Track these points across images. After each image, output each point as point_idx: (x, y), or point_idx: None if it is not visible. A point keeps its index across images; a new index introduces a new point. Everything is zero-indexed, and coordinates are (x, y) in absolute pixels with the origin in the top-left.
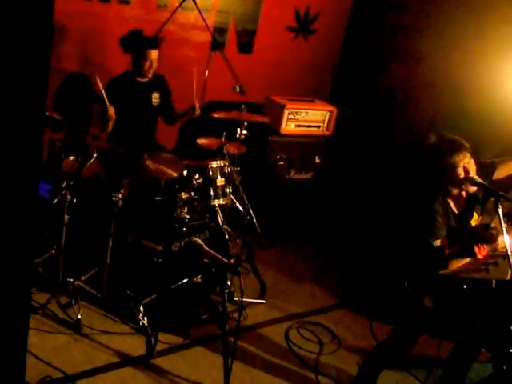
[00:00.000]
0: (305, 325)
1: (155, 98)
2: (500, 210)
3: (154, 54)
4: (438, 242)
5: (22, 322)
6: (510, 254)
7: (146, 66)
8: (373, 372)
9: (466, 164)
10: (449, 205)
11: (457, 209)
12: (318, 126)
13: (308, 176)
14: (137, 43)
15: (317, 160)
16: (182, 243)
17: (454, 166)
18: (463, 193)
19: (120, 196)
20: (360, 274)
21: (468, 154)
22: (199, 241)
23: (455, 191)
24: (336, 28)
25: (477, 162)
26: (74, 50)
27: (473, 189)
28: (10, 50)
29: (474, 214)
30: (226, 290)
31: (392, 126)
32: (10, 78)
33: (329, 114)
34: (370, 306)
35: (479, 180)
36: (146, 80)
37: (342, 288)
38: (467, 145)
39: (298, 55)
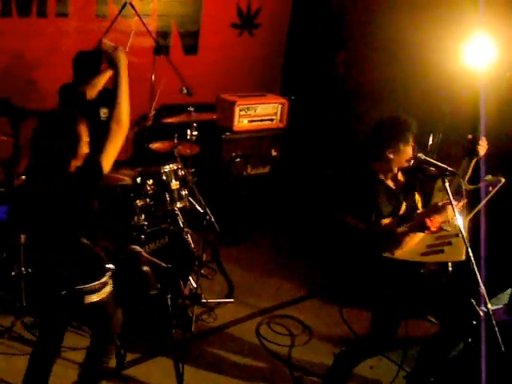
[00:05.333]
0: (275, 319)
1: (104, 113)
2: (447, 185)
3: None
4: (386, 220)
5: None
6: (463, 231)
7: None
8: (351, 364)
9: (412, 143)
10: (388, 185)
11: (396, 187)
12: (272, 119)
13: (265, 170)
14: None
15: (273, 153)
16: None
17: (406, 146)
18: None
19: None
20: (324, 263)
21: (412, 134)
22: (138, 248)
23: (394, 171)
24: (280, 19)
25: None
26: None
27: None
28: None
29: (416, 193)
30: (169, 295)
31: (346, 114)
32: None
33: (280, 106)
34: (337, 293)
35: (424, 157)
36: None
37: (309, 278)
38: (413, 123)
39: (245, 51)
